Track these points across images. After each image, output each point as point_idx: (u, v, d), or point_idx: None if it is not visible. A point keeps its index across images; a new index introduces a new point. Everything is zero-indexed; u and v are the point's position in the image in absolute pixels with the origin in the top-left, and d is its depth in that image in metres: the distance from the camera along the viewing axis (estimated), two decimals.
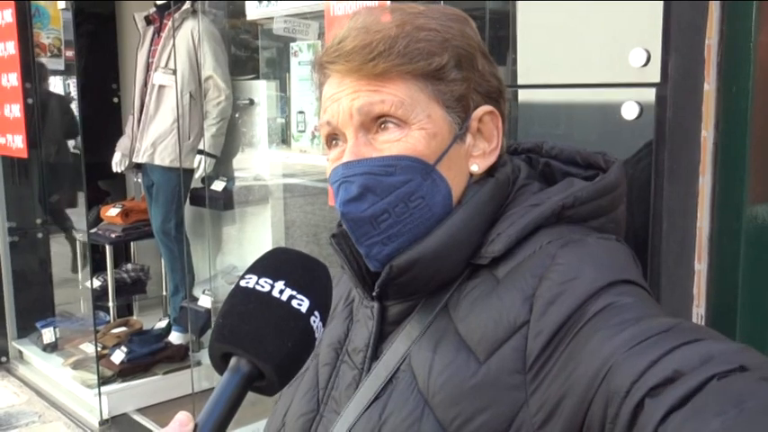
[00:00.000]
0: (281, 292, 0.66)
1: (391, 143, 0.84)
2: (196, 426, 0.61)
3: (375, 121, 0.84)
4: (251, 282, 0.68)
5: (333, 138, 0.89)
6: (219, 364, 0.66)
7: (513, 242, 0.83)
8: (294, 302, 0.66)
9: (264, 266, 0.70)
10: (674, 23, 1.10)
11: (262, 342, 0.64)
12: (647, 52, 1.10)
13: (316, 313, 0.67)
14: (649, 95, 1.11)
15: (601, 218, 0.89)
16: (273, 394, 0.67)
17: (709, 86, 1.13)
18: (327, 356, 0.94)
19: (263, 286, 0.67)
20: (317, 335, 0.68)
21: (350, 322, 0.96)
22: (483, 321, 0.80)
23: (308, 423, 0.91)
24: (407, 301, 0.89)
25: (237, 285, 0.69)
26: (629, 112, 1.12)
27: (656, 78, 1.10)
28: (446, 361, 0.81)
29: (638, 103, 1.11)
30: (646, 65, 1.11)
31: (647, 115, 1.11)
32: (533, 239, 0.84)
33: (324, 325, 0.69)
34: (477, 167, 0.88)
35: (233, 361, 0.65)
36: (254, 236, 3.74)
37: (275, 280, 0.67)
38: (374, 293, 0.89)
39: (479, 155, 0.89)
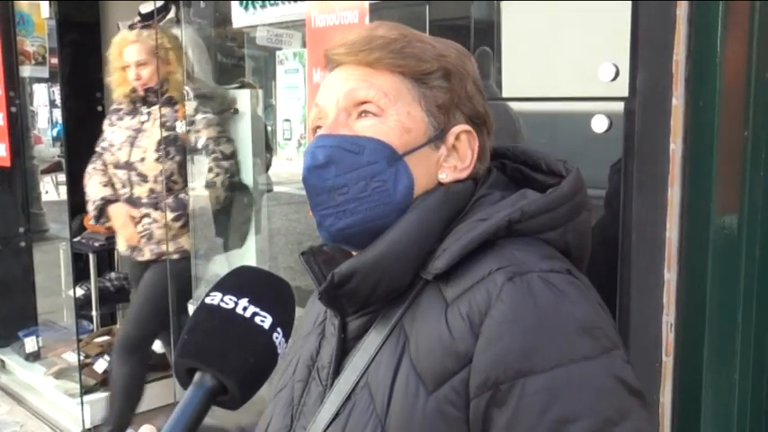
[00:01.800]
0: (245, 309, 0.69)
1: (366, 127, 0.89)
2: None
3: (357, 107, 0.89)
4: (215, 299, 0.70)
5: (318, 126, 0.93)
6: (184, 378, 0.68)
7: (456, 259, 0.83)
8: (257, 319, 0.69)
9: (229, 284, 0.72)
10: (642, 39, 1.13)
11: (225, 357, 0.66)
12: (616, 67, 1.13)
13: (278, 330, 0.70)
14: (618, 109, 1.14)
15: (558, 228, 0.88)
16: (236, 408, 0.69)
17: (677, 101, 1.16)
18: (301, 373, 0.96)
19: (227, 303, 0.69)
20: (279, 350, 0.70)
21: (322, 339, 0.97)
22: (431, 348, 0.80)
23: None
24: (365, 316, 0.90)
25: (202, 302, 0.71)
26: (599, 125, 1.15)
27: (625, 92, 1.13)
28: (400, 386, 0.81)
29: (608, 117, 1.14)
30: (614, 79, 1.13)
31: (616, 128, 1.14)
32: (483, 261, 0.82)
33: (286, 341, 0.71)
34: (445, 176, 0.91)
35: (197, 376, 0.66)
36: (237, 245, 3.74)
37: (239, 297, 0.69)
38: (318, 298, 0.90)
39: (450, 167, 0.91)
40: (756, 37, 1.12)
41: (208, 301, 0.70)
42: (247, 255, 3.62)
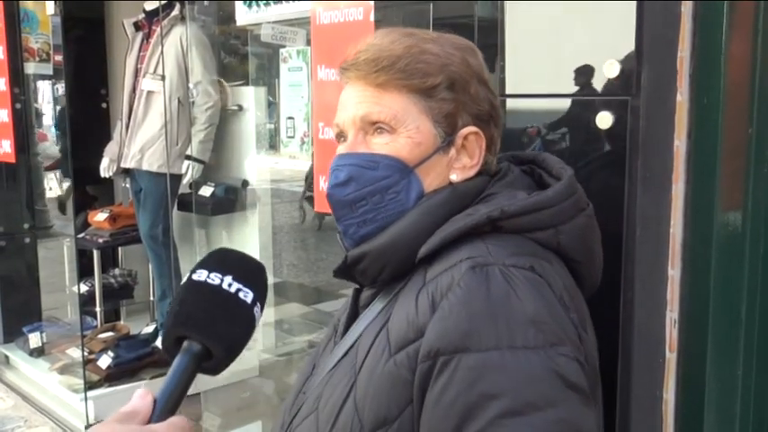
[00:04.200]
0: (230, 285, 0.75)
1: (381, 145, 1.00)
2: (155, 399, 0.69)
3: (372, 125, 1.00)
4: (202, 275, 0.76)
5: (341, 136, 1.05)
6: (172, 349, 0.74)
7: (436, 247, 0.93)
8: (241, 294, 0.75)
9: (213, 262, 0.78)
10: (647, 36, 1.13)
11: (214, 326, 0.73)
12: (621, 64, 1.14)
13: (258, 304, 0.77)
14: (623, 106, 1.14)
15: (547, 230, 0.95)
16: (218, 374, 0.75)
17: (682, 97, 1.16)
18: (329, 330, 1.13)
19: (213, 279, 0.75)
20: (257, 323, 0.77)
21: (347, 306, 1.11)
22: (401, 318, 0.91)
23: (304, 381, 1.08)
24: (373, 288, 1.03)
25: (190, 279, 0.77)
26: (603, 121, 1.15)
27: (630, 89, 1.14)
28: (374, 348, 0.93)
29: (612, 113, 1.14)
30: (619, 76, 1.14)
31: (620, 125, 1.14)
32: (460, 250, 0.91)
33: (261, 315, 0.78)
34: (455, 176, 1.01)
35: (185, 344, 0.73)
36: (241, 241, 3.75)
37: (224, 274, 0.76)
38: (334, 275, 1.04)
39: (460, 167, 1.01)
40: (761, 34, 1.12)
41: (195, 277, 0.76)
42: (251, 252, 3.63)
